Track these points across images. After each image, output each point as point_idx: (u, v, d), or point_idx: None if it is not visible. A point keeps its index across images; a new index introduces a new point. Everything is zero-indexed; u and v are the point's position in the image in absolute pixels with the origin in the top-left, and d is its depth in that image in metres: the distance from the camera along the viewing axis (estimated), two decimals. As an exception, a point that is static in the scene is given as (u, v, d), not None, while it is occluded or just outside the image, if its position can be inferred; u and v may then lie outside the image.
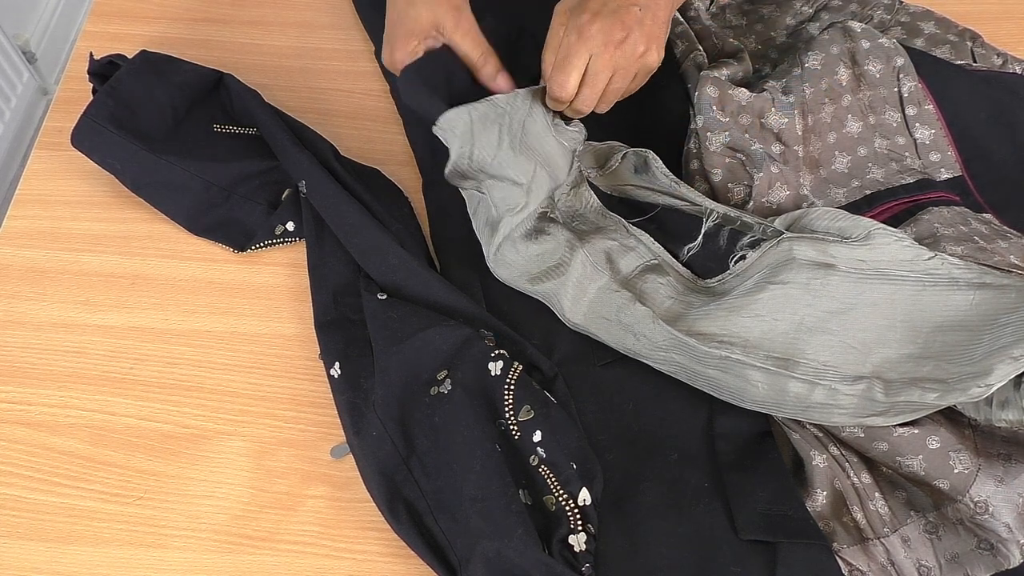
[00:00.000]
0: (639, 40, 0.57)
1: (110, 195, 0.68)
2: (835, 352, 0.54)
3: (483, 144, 0.59)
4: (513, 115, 0.59)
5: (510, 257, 0.60)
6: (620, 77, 0.58)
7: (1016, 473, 0.50)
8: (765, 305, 0.54)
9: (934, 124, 0.66)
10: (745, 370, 0.54)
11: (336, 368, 0.58)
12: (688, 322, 0.56)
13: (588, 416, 0.57)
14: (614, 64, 0.57)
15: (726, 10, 0.78)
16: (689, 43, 0.70)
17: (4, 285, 0.64)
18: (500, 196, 0.60)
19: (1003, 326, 0.51)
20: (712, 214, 0.59)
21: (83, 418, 0.58)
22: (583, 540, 0.50)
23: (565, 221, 0.62)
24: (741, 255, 0.57)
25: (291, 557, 0.54)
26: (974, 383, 0.50)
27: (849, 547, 0.51)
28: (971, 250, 0.56)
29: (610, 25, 0.56)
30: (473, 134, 0.58)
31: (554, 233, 0.60)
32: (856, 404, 0.52)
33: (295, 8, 0.81)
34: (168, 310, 0.63)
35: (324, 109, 0.74)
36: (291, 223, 0.65)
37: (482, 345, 0.56)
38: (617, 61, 0.57)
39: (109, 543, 0.54)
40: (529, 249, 0.60)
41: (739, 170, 0.63)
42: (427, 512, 0.52)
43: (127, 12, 0.80)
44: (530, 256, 0.60)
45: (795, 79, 0.65)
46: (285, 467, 0.57)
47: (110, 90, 0.64)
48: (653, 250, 0.60)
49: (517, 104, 0.59)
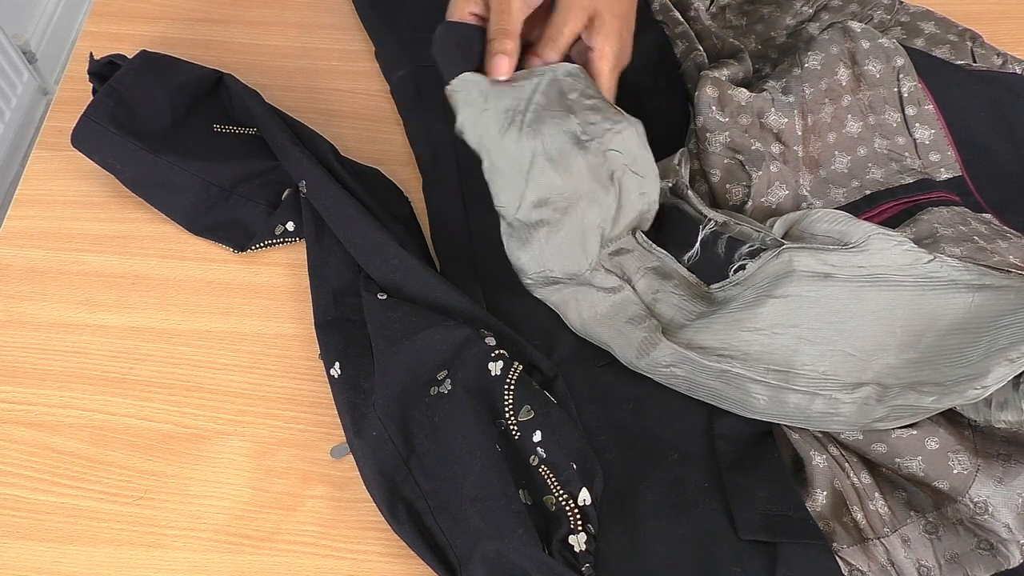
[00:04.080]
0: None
1: (110, 195, 0.68)
2: (835, 361, 0.54)
3: (486, 122, 0.57)
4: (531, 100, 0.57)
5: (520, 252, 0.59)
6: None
7: (1016, 473, 0.50)
8: (766, 319, 0.54)
9: (934, 124, 0.66)
10: (746, 383, 0.54)
11: (336, 368, 0.58)
12: (689, 334, 0.56)
13: (588, 416, 0.57)
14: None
15: (726, 10, 0.78)
16: (689, 43, 0.70)
17: (4, 285, 0.64)
18: (498, 187, 0.59)
19: (1002, 328, 0.52)
20: (709, 222, 0.58)
21: (83, 418, 0.59)
22: (583, 540, 0.50)
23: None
24: (741, 265, 0.57)
25: (291, 557, 0.54)
26: (971, 385, 0.50)
27: (849, 547, 0.51)
28: (971, 250, 0.56)
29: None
30: (487, 100, 0.57)
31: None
32: (855, 411, 0.53)
33: (295, 8, 0.81)
34: (168, 310, 0.63)
35: (324, 109, 0.74)
36: (291, 223, 0.65)
37: (482, 345, 0.56)
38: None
39: (109, 543, 0.54)
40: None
41: (738, 170, 0.63)
42: (427, 512, 0.52)
43: (127, 12, 0.79)
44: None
45: (795, 79, 0.65)
46: (285, 467, 0.57)
47: (110, 90, 0.64)
48: (655, 253, 0.59)
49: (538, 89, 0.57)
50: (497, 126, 0.57)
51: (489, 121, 0.57)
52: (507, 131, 0.57)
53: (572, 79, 0.58)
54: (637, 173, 0.57)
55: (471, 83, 0.58)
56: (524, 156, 0.56)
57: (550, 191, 0.57)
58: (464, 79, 0.58)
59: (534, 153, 0.56)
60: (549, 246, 0.58)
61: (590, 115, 0.57)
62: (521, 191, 0.57)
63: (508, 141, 0.57)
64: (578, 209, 0.57)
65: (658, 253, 0.59)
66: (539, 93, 0.57)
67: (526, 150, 0.56)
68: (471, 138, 0.58)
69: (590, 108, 0.57)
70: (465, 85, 0.58)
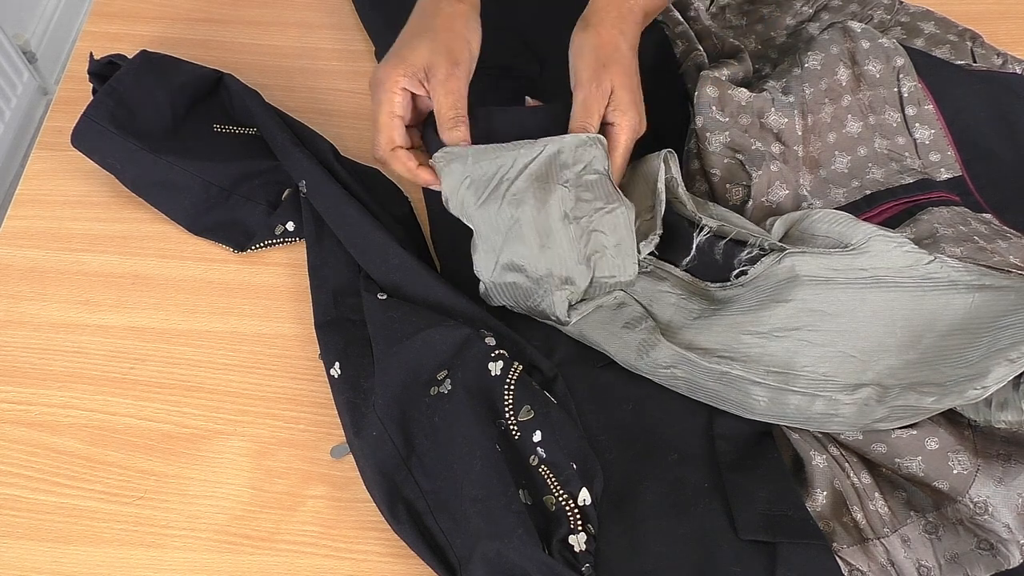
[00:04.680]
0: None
1: (110, 195, 0.68)
2: (835, 363, 0.54)
3: (465, 192, 0.57)
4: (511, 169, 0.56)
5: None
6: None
7: (1015, 473, 0.50)
8: (768, 323, 0.54)
9: (934, 124, 0.66)
10: (746, 385, 0.54)
11: (336, 368, 0.58)
12: (689, 335, 0.56)
13: (588, 416, 0.57)
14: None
15: (726, 10, 0.78)
16: (689, 43, 0.70)
17: (4, 285, 0.64)
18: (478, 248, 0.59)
19: (1002, 328, 0.52)
20: (703, 229, 0.58)
21: (83, 418, 0.59)
22: (583, 540, 0.50)
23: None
24: (742, 271, 0.57)
25: (291, 557, 0.54)
26: (970, 385, 0.50)
27: (849, 547, 0.51)
28: (971, 250, 0.56)
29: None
30: (467, 170, 0.57)
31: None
32: (856, 412, 0.53)
33: (295, 8, 0.81)
34: (168, 310, 0.63)
35: (324, 109, 0.74)
36: (291, 223, 0.66)
37: (482, 345, 0.56)
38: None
39: (109, 543, 0.54)
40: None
41: (738, 170, 0.63)
42: (427, 512, 0.52)
43: (127, 12, 0.80)
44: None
45: (795, 79, 0.65)
46: (285, 467, 0.57)
47: (110, 90, 0.64)
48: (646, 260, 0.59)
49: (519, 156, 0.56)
50: (475, 196, 0.57)
51: (469, 192, 0.57)
52: (487, 201, 0.57)
53: (583, 149, 0.56)
54: (616, 257, 0.58)
55: (452, 155, 0.57)
56: (503, 223, 0.57)
57: (524, 260, 0.57)
58: (445, 152, 0.57)
59: (515, 221, 0.57)
60: (520, 302, 0.59)
61: (585, 192, 0.57)
62: (496, 256, 0.58)
63: (488, 210, 0.57)
64: (549, 284, 0.57)
65: (649, 260, 0.59)
66: (537, 163, 0.56)
67: (505, 217, 0.57)
68: (454, 208, 0.58)
69: (587, 185, 0.57)
70: (446, 158, 0.57)
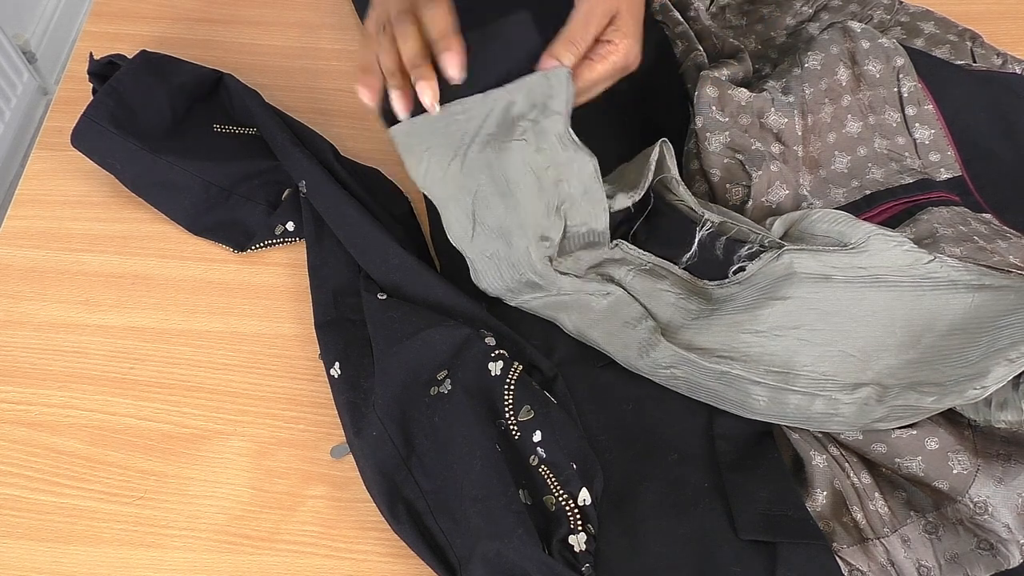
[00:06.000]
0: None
1: (110, 195, 0.68)
2: (835, 362, 0.54)
3: (428, 164, 0.56)
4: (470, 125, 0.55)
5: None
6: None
7: (1016, 473, 0.50)
8: (767, 321, 0.54)
9: (934, 124, 0.66)
10: (746, 384, 0.54)
11: (336, 368, 0.58)
12: (688, 335, 0.56)
13: (588, 416, 0.57)
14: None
15: (726, 10, 0.78)
16: (689, 43, 0.70)
17: (4, 285, 0.64)
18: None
19: (1002, 328, 0.52)
20: (706, 223, 0.58)
21: (83, 418, 0.59)
22: (583, 540, 0.50)
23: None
24: (740, 267, 0.57)
25: (291, 557, 0.54)
26: (970, 385, 0.50)
27: (849, 547, 0.51)
28: (971, 250, 0.56)
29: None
30: (426, 142, 0.56)
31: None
32: (855, 412, 0.53)
33: (295, 8, 0.81)
34: (168, 310, 0.63)
35: (324, 109, 0.74)
36: (291, 223, 0.65)
37: (482, 345, 0.56)
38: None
39: (109, 543, 0.54)
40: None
41: (738, 170, 0.63)
42: (427, 512, 0.52)
43: (127, 12, 0.80)
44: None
45: (795, 79, 0.65)
46: (285, 467, 0.57)
47: (110, 90, 0.64)
48: (645, 258, 0.59)
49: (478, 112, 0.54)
50: (440, 166, 0.56)
51: (432, 162, 0.56)
52: (449, 167, 0.56)
53: (548, 83, 0.54)
54: (586, 204, 0.56)
55: (407, 130, 0.56)
56: (469, 188, 0.57)
57: (496, 220, 0.57)
58: (398, 129, 0.56)
59: (479, 185, 0.56)
60: (501, 271, 0.59)
61: (543, 142, 0.55)
62: (470, 222, 0.57)
63: (451, 177, 0.56)
64: (522, 239, 0.57)
65: (648, 258, 0.59)
66: (491, 121, 0.55)
67: (470, 182, 0.56)
68: (419, 182, 0.57)
69: (543, 133, 0.55)
70: (401, 134, 0.56)
